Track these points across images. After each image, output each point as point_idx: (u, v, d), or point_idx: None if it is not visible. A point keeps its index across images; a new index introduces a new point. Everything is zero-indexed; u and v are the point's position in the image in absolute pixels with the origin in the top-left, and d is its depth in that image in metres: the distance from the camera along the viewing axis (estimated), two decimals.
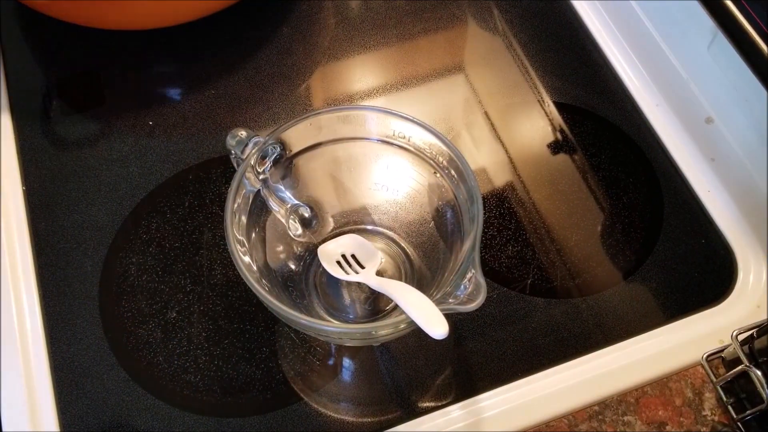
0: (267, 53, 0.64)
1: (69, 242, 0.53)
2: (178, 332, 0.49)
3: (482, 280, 0.38)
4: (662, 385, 0.47)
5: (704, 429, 0.45)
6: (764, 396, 0.42)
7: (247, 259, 0.42)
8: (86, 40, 0.63)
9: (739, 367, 0.44)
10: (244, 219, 0.44)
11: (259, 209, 0.45)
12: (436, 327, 0.36)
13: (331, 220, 0.51)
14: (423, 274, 0.49)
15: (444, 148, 0.44)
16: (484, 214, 0.55)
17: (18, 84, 0.61)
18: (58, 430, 0.45)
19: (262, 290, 0.39)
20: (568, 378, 0.47)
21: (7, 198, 0.54)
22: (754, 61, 0.47)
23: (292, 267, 0.49)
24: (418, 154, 0.46)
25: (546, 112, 0.61)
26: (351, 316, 0.49)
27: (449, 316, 0.37)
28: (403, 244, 0.51)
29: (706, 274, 0.53)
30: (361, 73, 0.63)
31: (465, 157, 0.43)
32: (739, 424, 0.44)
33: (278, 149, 0.45)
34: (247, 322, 0.49)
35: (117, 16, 0.58)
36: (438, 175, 0.46)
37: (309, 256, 0.50)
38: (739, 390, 0.45)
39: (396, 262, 0.50)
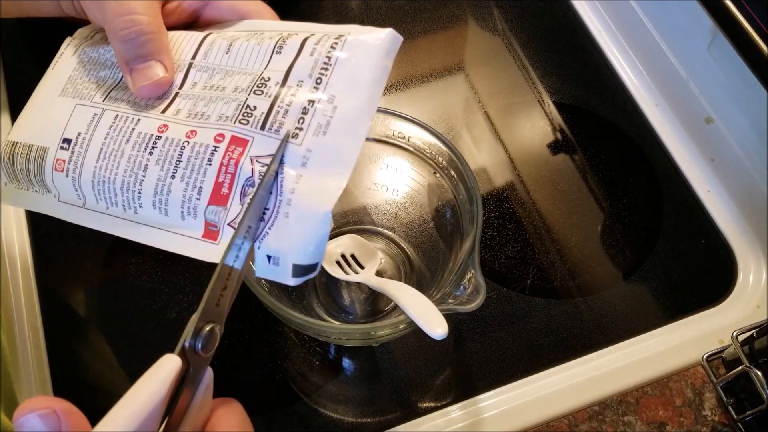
0: None
1: (68, 242, 0.53)
2: (178, 332, 0.49)
3: (482, 281, 0.38)
4: (662, 386, 0.47)
5: (704, 429, 0.45)
6: (764, 396, 0.42)
7: None
8: None
9: (740, 368, 0.44)
10: None
11: None
12: (436, 327, 0.36)
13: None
14: (423, 274, 0.49)
15: (444, 148, 0.44)
16: (484, 214, 0.55)
17: (18, 84, 0.61)
18: None
19: (261, 290, 0.39)
20: (568, 378, 0.47)
21: None
22: (754, 61, 0.47)
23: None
24: (417, 154, 0.46)
25: (546, 112, 0.61)
26: (351, 317, 0.49)
27: (449, 317, 0.37)
28: (402, 245, 0.51)
29: (706, 274, 0.53)
30: None
31: (465, 157, 0.43)
32: (739, 424, 0.44)
33: None
34: (247, 322, 0.49)
35: None
36: (438, 175, 0.46)
37: None
38: (740, 390, 0.45)
39: (396, 262, 0.50)
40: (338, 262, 0.48)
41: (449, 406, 0.46)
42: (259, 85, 0.33)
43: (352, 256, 0.48)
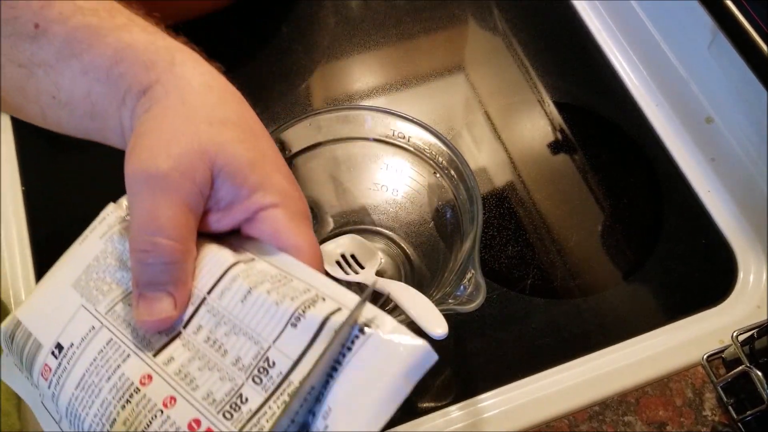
0: (267, 53, 0.63)
1: (69, 242, 0.53)
2: None
3: (482, 281, 0.38)
4: (663, 386, 0.47)
5: (705, 429, 0.45)
6: (764, 396, 0.42)
7: None
8: None
9: (740, 368, 0.44)
10: None
11: None
12: (436, 327, 0.36)
13: (330, 220, 0.51)
14: (423, 274, 0.49)
15: (444, 148, 0.44)
16: (484, 214, 0.54)
17: None
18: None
19: None
20: (568, 378, 0.47)
21: (7, 198, 0.54)
22: (754, 61, 0.47)
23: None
24: (417, 154, 0.46)
25: (546, 112, 0.61)
26: None
27: (449, 317, 0.37)
28: (402, 245, 0.50)
29: (707, 274, 0.53)
30: (361, 72, 0.63)
31: (465, 157, 0.43)
32: (739, 424, 0.44)
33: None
34: None
35: None
36: (438, 175, 0.46)
37: None
38: (740, 390, 0.45)
39: (396, 262, 0.50)
40: (338, 262, 0.48)
41: (449, 406, 0.46)
42: (261, 371, 0.29)
43: (352, 256, 0.48)
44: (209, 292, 0.31)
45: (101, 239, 0.35)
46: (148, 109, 0.32)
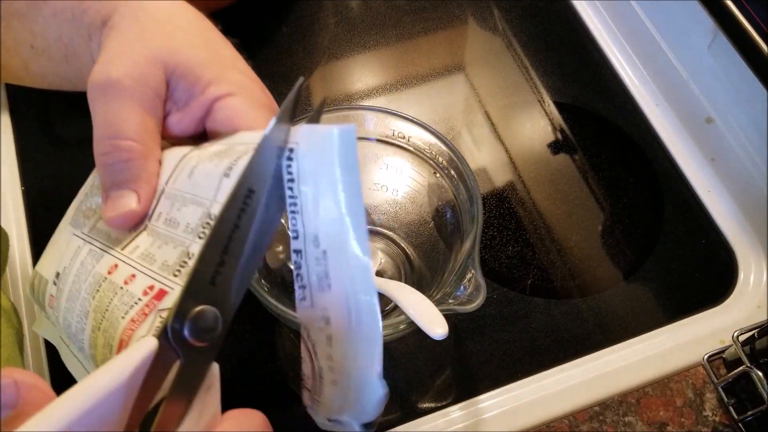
0: (267, 53, 0.63)
1: None
2: None
3: (482, 281, 0.38)
4: (663, 386, 0.47)
5: (705, 429, 0.45)
6: (765, 397, 0.42)
7: None
8: None
9: (740, 368, 0.44)
10: None
11: None
12: (436, 327, 0.36)
13: None
14: (423, 274, 0.49)
15: (444, 148, 0.44)
16: (484, 214, 0.54)
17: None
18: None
19: (261, 291, 0.39)
20: (568, 378, 0.47)
21: (7, 198, 0.54)
22: (755, 61, 0.47)
23: (292, 267, 0.49)
24: (417, 154, 0.46)
25: (546, 112, 0.61)
26: None
27: (449, 317, 0.37)
28: (402, 245, 0.50)
29: (707, 274, 0.53)
30: (361, 72, 0.63)
31: (465, 157, 0.43)
32: (740, 424, 0.44)
33: None
34: (247, 323, 0.49)
35: None
36: (438, 175, 0.46)
37: None
38: (740, 391, 0.45)
39: (396, 262, 0.50)
40: None
41: (449, 406, 0.46)
42: (205, 226, 0.29)
43: None
44: (167, 183, 0.32)
45: (90, 177, 0.37)
46: (107, 36, 0.33)
